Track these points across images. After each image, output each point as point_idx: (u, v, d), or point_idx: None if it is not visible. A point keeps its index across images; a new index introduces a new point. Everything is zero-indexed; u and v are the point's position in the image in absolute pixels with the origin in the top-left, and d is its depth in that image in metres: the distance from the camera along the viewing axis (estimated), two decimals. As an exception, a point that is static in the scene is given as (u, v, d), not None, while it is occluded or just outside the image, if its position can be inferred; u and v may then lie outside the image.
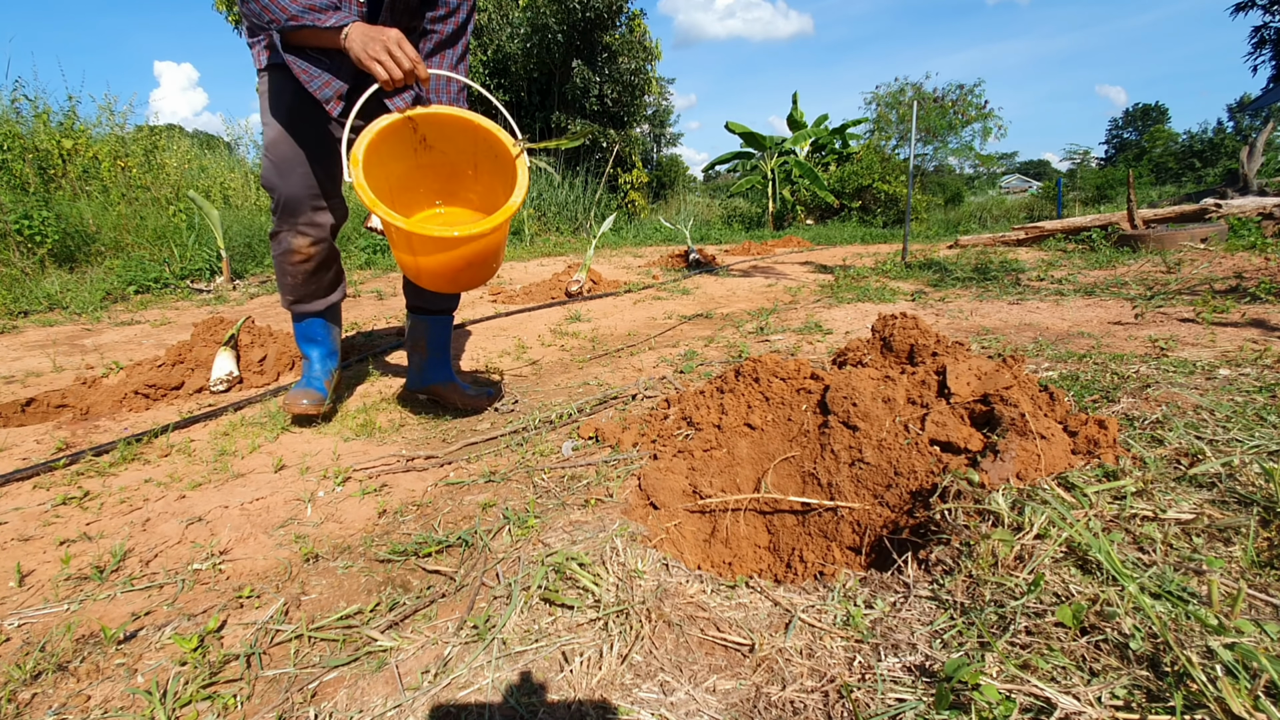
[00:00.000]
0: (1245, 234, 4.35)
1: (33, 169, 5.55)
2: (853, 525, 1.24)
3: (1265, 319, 2.32)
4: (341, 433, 1.82)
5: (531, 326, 3.31)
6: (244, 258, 5.47)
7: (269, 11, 1.47)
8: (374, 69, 1.44)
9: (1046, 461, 1.11)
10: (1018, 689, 0.68)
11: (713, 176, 24.93)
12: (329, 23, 1.46)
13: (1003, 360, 1.45)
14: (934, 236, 10.29)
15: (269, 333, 2.54)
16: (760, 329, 2.93)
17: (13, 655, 0.91)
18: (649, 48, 12.15)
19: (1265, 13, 16.67)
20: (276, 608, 0.99)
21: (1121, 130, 55.83)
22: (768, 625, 0.88)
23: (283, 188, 1.73)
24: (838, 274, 4.70)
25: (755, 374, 1.52)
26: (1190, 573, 0.84)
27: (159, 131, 7.12)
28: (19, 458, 1.67)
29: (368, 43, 1.44)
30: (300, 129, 1.72)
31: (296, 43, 1.55)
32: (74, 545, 1.22)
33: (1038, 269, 4.26)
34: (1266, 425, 1.25)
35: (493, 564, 1.07)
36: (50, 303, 3.89)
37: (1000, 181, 31.01)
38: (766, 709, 0.73)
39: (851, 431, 1.32)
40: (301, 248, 1.80)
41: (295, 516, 1.32)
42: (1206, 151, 36.20)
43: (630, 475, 1.37)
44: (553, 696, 0.77)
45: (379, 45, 1.43)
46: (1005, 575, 0.87)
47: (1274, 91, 15.83)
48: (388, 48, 1.43)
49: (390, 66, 1.44)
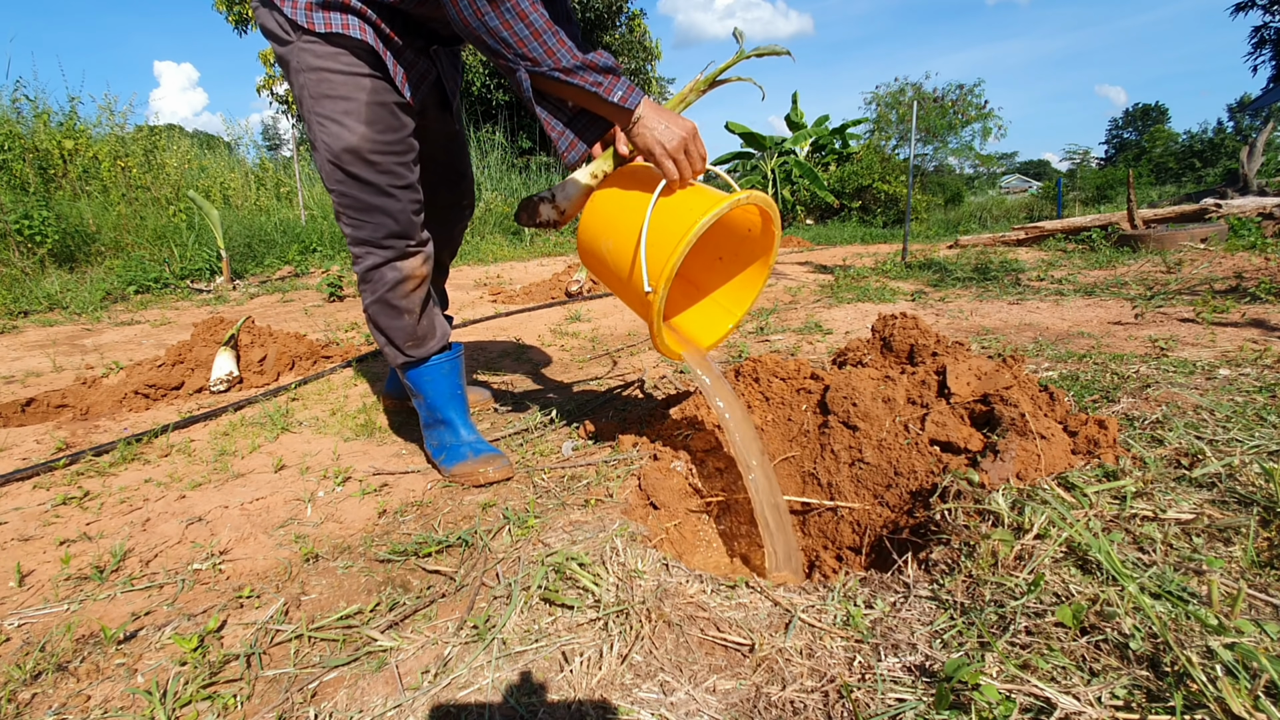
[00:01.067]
0: (1245, 234, 4.35)
1: (33, 169, 5.55)
2: (853, 525, 1.24)
3: (1265, 319, 2.32)
4: (341, 433, 1.82)
5: (531, 326, 3.31)
6: (244, 258, 5.48)
7: (525, 47, 1.09)
8: (667, 167, 1.15)
9: (1046, 461, 1.11)
10: (1018, 689, 0.68)
11: (712, 177, 24.89)
12: (615, 97, 1.12)
13: (1003, 360, 1.45)
14: (934, 236, 10.29)
15: (269, 333, 2.54)
16: (760, 329, 2.93)
17: (13, 655, 0.91)
18: (649, 48, 12.17)
19: (1265, 13, 16.68)
20: (276, 608, 0.99)
21: (1121, 130, 55.85)
22: (768, 625, 0.88)
23: (390, 205, 1.35)
24: (838, 274, 4.70)
25: (755, 374, 1.52)
26: (1190, 573, 0.84)
27: (159, 131, 7.13)
28: (19, 458, 1.67)
29: (667, 135, 1.14)
30: (399, 124, 1.33)
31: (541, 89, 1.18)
32: (74, 545, 1.22)
33: (1038, 269, 4.26)
34: (1266, 425, 1.25)
35: (493, 564, 1.07)
36: (50, 303, 3.89)
37: (1000, 181, 31.04)
38: (766, 709, 0.73)
39: (851, 431, 1.32)
40: (415, 270, 1.42)
41: (295, 516, 1.32)
42: (1206, 151, 36.21)
43: (630, 475, 1.37)
44: (553, 696, 0.77)
45: (679, 142, 1.14)
46: (1005, 575, 0.87)
47: (1274, 91, 15.83)
48: (687, 146, 1.15)
49: (685, 169, 1.16)
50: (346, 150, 1.29)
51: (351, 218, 1.36)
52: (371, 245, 1.38)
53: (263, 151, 10.42)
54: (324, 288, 4.11)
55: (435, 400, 1.51)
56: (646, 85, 12.59)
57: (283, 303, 4.15)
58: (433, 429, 1.52)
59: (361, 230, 1.37)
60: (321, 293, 4.17)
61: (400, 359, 1.48)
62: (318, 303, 4.09)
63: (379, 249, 1.39)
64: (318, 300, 4.17)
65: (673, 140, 1.14)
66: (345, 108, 1.28)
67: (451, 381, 1.52)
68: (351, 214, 1.36)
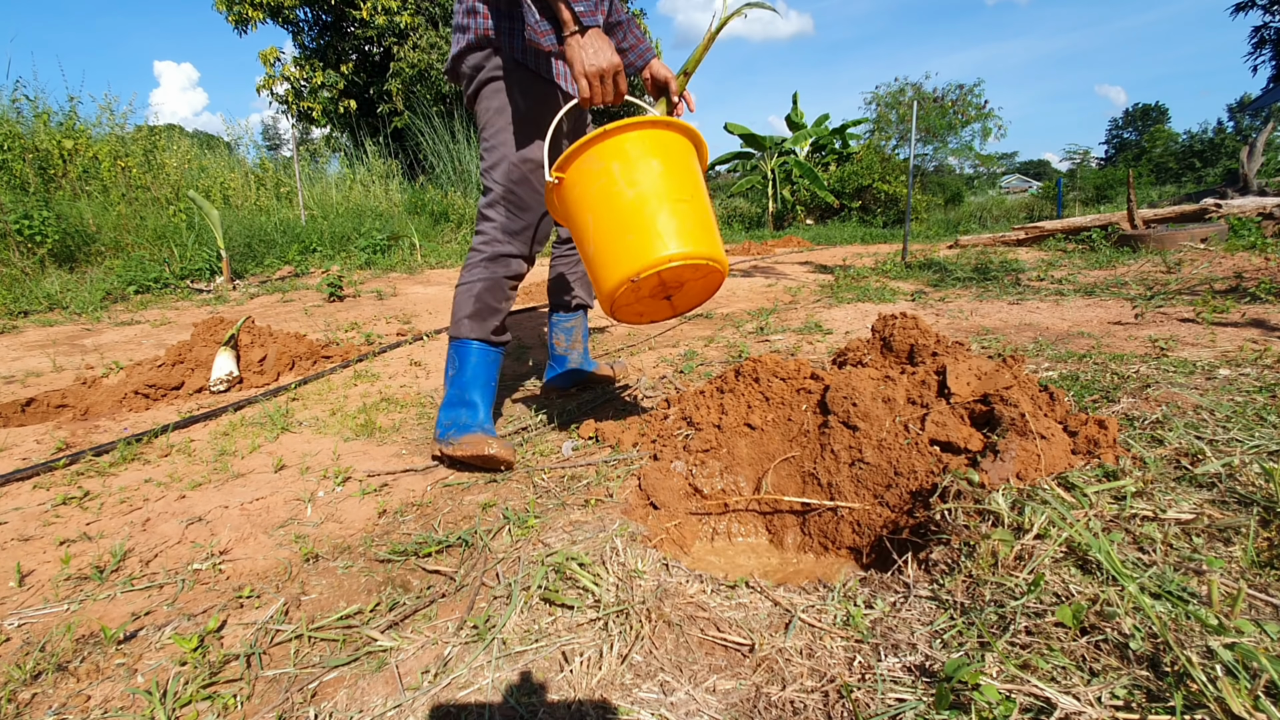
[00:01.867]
0: (1245, 234, 4.35)
1: (33, 169, 5.55)
2: (853, 525, 1.24)
3: (1265, 319, 2.32)
4: (341, 433, 1.82)
5: (531, 326, 3.31)
6: (244, 258, 5.47)
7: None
8: (580, 85, 1.31)
9: (1046, 461, 1.11)
10: (1018, 689, 0.68)
11: (712, 177, 24.94)
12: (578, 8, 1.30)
13: (1003, 360, 1.45)
14: (934, 236, 10.29)
15: (269, 333, 2.54)
16: (760, 329, 2.93)
17: (13, 655, 0.91)
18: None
19: (1265, 13, 16.68)
20: (276, 608, 0.99)
21: (1121, 130, 55.85)
22: (768, 625, 0.88)
23: (540, 208, 1.60)
24: (838, 274, 4.70)
25: (755, 374, 1.52)
26: (1190, 573, 0.84)
27: (159, 131, 7.13)
28: (19, 458, 1.67)
29: (593, 58, 1.30)
30: (541, 135, 1.54)
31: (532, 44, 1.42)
32: (74, 545, 1.22)
33: (1038, 269, 4.26)
34: (1266, 425, 1.25)
35: (493, 564, 1.07)
36: (50, 303, 3.89)
37: (1000, 181, 31.04)
38: (766, 709, 0.73)
39: (851, 431, 1.32)
40: (523, 271, 1.66)
41: (295, 516, 1.32)
42: (1206, 151, 36.21)
43: (630, 475, 1.37)
44: (553, 696, 0.77)
45: (597, 69, 1.30)
46: (1005, 575, 0.87)
47: (1274, 91, 15.83)
48: (604, 74, 1.31)
49: (596, 92, 1.31)
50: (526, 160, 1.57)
51: (510, 212, 1.61)
52: (514, 236, 1.61)
53: (263, 151, 10.43)
54: (324, 288, 4.11)
55: (471, 380, 1.60)
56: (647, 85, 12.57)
57: (283, 303, 4.15)
58: (456, 408, 1.58)
59: (514, 224, 1.61)
60: (321, 293, 4.17)
61: (474, 332, 1.61)
62: (318, 303, 4.09)
63: (519, 242, 1.62)
64: (318, 300, 4.17)
65: (593, 65, 1.29)
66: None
67: (490, 373, 1.64)
68: (513, 210, 1.60)
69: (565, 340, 2.01)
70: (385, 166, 9.19)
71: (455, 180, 9.55)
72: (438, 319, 3.58)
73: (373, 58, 12.02)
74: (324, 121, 11.79)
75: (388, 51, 11.41)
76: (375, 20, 10.78)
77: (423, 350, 2.83)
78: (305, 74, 11.32)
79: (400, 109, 11.06)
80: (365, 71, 11.79)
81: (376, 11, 10.77)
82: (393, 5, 10.83)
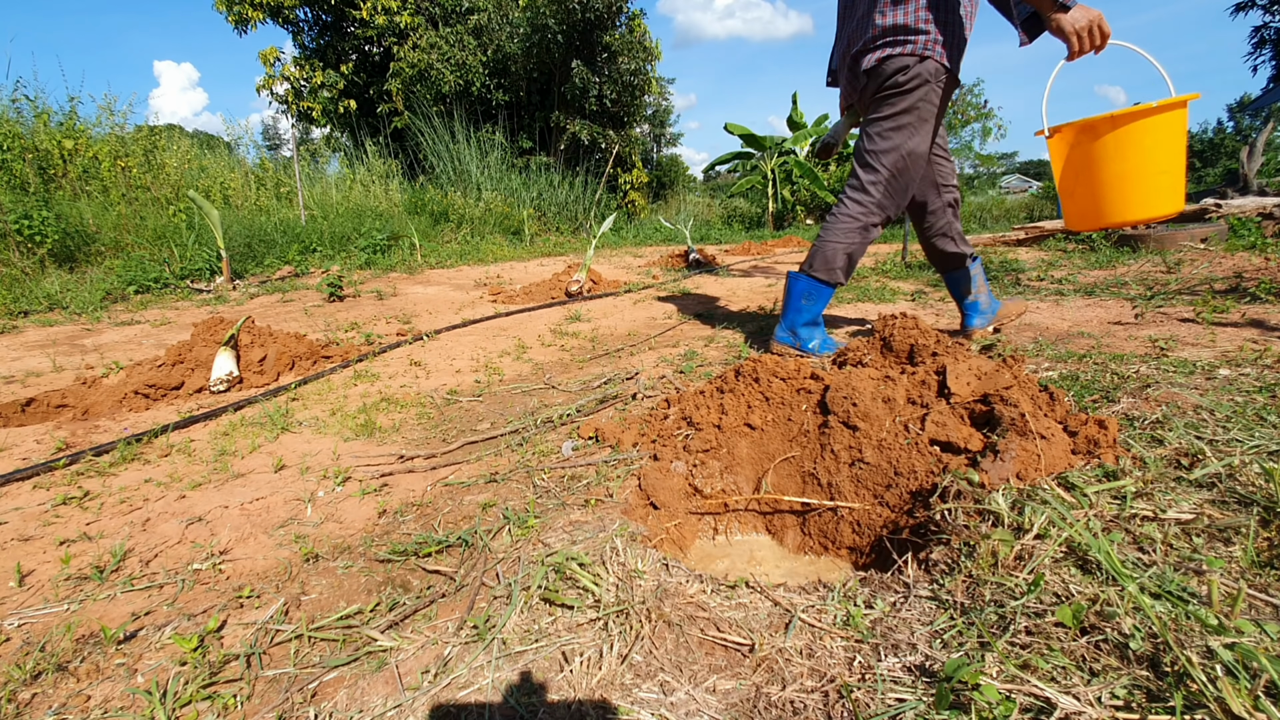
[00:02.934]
0: (1245, 234, 4.35)
1: (33, 169, 5.55)
2: (853, 525, 1.24)
3: (1265, 319, 2.32)
4: (341, 433, 1.82)
5: (531, 326, 3.31)
6: (244, 258, 5.47)
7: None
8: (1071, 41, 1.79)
9: (1046, 461, 1.11)
10: (1018, 689, 0.68)
11: (713, 176, 24.92)
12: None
13: (1003, 360, 1.45)
14: (934, 236, 10.26)
15: (269, 333, 2.54)
16: (760, 329, 2.93)
17: (13, 655, 0.91)
18: (649, 48, 12.16)
19: (1265, 13, 16.67)
20: (276, 608, 0.99)
21: (1121, 130, 55.62)
22: (768, 625, 0.88)
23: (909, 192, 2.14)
24: (838, 274, 4.69)
25: (755, 374, 1.52)
26: (1190, 573, 0.84)
27: (159, 131, 7.12)
28: (19, 458, 1.67)
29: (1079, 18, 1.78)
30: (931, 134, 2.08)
31: None
32: (74, 545, 1.22)
33: (1037, 269, 4.26)
34: (1266, 425, 1.25)
35: (493, 564, 1.07)
36: (50, 303, 3.89)
37: (1000, 181, 31.00)
38: (766, 709, 0.73)
39: (851, 431, 1.32)
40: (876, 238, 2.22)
41: (295, 516, 1.32)
42: (1206, 151, 36.18)
43: (630, 475, 1.37)
44: (553, 696, 0.77)
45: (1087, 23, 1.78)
46: (1005, 575, 0.87)
47: (1274, 91, 15.83)
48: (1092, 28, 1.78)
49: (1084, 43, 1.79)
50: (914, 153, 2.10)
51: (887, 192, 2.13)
52: (883, 210, 2.13)
53: (263, 151, 10.42)
54: (324, 288, 4.11)
55: (817, 310, 2.25)
56: (646, 85, 12.57)
57: (283, 303, 4.15)
58: (812, 327, 2.26)
59: (888, 202, 2.13)
60: (321, 293, 4.17)
61: (840, 278, 2.21)
62: (318, 303, 4.09)
63: (884, 215, 2.14)
64: (318, 300, 4.17)
65: (1080, 22, 1.74)
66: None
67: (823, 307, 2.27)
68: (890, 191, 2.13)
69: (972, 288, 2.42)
70: (385, 166, 9.19)
71: (455, 180, 9.55)
72: (438, 319, 3.57)
73: (373, 58, 12.02)
74: (324, 121, 11.79)
75: (388, 51, 11.42)
76: (375, 20, 10.79)
77: (423, 350, 2.83)
78: (305, 74, 11.32)
79: (400, 109, 11.06)
80: (365, 71, 11.80)
81: (376, 11, 10.77)
82: (393, 5, 10.83)
